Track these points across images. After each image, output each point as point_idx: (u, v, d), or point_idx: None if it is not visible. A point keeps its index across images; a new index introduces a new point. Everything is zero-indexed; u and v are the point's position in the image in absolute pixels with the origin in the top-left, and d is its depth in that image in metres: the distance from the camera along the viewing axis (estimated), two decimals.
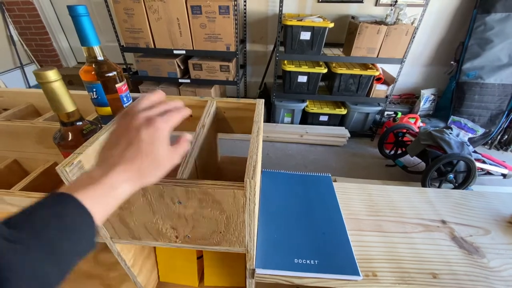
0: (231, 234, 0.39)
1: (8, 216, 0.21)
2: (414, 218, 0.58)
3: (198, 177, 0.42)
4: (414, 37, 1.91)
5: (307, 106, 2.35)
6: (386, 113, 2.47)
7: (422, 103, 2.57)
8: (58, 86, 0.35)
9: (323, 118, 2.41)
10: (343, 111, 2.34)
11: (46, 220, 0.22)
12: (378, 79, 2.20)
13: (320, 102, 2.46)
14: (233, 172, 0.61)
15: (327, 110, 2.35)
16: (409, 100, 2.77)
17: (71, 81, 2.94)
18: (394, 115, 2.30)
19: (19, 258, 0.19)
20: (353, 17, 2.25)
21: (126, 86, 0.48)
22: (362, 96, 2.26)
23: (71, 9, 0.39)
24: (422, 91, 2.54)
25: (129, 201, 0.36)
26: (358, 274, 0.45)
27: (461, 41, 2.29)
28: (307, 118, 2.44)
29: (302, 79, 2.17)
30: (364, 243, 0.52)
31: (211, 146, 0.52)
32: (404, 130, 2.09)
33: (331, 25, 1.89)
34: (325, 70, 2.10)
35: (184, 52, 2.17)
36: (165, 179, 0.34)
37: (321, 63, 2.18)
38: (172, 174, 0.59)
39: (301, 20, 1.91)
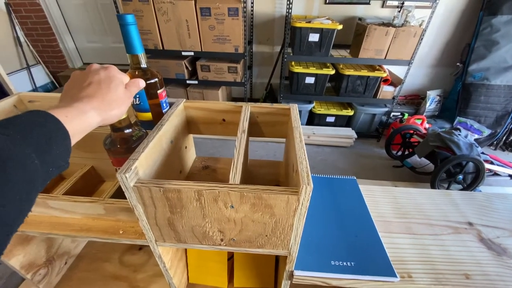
0: (276, 237, 0.40)
1: None
2: (441, 220, 0.59)
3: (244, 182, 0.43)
4: (422, 39, 1.92)
5: (314, 107, 2.36)
6: (392, 114, 2.48)
7: (428, 104, 2.59)
8: None
9: (330, 119, 2.43)
10: (350, 112, 2.35)
11: (29, 126, 0.23)
12: (385, 81, 2.22)
13: (327, 103, 2.47)
14: (263, 175, 0.62)
15: (334, 111, 2.36)
16: (415, 101, 2.79)
17: None
18: (400, 116, 2.31)
19: (13, 144, 0.21)
20: (360, 19, 2.26)
21: (165, 92, 0.50)
22: (369, 97, 2.27)
23: (120, 17, 0.40)
24: (428, 92, 2.55)
25: (182, 205, 0.37)
26: (395, 276, 0.46)
27: (467, 43, 2.31)
28: (313, 119, 2.46)
29: (310, 80, 2.18)
30: (396, 245, 0.53)
31: (246, 150, 0.54)
32: (412, 131, 2.10)
33: (340, 27, 1.91)
34: (332, 72, 2.11)
35: (192, 53, 2.18)
36: (220, 184, 0.35)
37: (328, 65, 2.19)
38: (224, 179, 0.60)
39: (309, 22, 1.92)
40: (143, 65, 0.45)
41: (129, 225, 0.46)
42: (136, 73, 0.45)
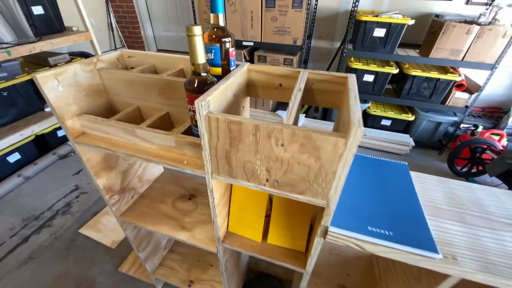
0: (318, 184, 0.43)
1: None
2: (504, 218, 0.54)
3: None
4: None
5: (369, 108, 2.24)
6: (462, 125, 2.19)
7: (511, 119, 2.20)
8: (199, 40, 0.44)
9: (386, 122, 2.27)
10: (410, 117, 2.16)
11: None
12: (459, 86, 1.97)
13: (384, 104, 2.32)
14: None
15: (391, 114, 2.20)
16: (494, 114, 2.40)
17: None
18: (473, 128, 2.03)
19: None
20: (437, 16, 2.05)
21: (235, 51, 0.57)
22: (436, 103, 2.05)
23: None
24: None
25: (240, 138, 0.43)
26: (436, 252, 0.44)
27: None
28: (367, 120, 2.33)
29: (369, 78, 2.08)
30: (444, 229, 0.51)
31: (296, 114, 0.57)
32: (485, 146, 1.83)
33: (411, 22, 1.77)
34: (396, 71, 1.97)
35: (252, 44, 2.28)
36: (275, 123, 0.39)
37: (391, 63, 2.05)
38: None
39: (376, 16, 1.83)
40: (222, 24, 0.52)
41: (192, 159, 0.55)
42: (215, 29, 0.52)
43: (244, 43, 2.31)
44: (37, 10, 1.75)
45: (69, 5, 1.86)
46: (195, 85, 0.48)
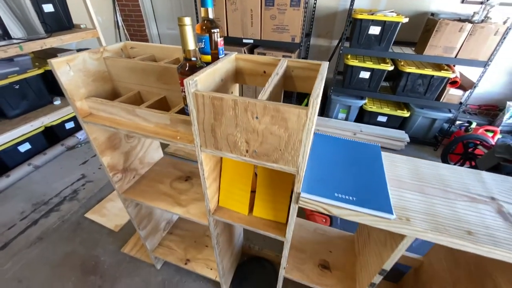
0: (288, 152, 0.50)
1: None
2: (460, 190, 0.60)
3: None
4: (504, 38, 1.69)
5: (365, 104, 2.30)
6: (457, 122, 2.23)
7: (506, 117, 2.24)
8: (188, 29, 0.52)
9: (382, 119, 2.32)
10: (405, 114, 2.21)
11: None
12: (453, 83, 2.02)
13: (380, 101, 2.37)
14: None
15: (387, 110, 2.26)
16: (490, 112, 2.44)
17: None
18: (467, 124, 2.07)
19: None
20: (432, 14, 2.10)
21: (223, 41, 0.64)
22: (431, 100, 2.09)
23: None
24: (508, 103, 2.20)
25: (222, 113, 0.50)
26: (391, 213, 0.51)
27: None
28: (363, 117, 2.39)
29: (365, 75, 2.13)
30: (402, 198, 0.57)
31: (277, 97, 0.64)
32: (478, 142, 1.88)
33: (405, 20, 1.82)
34: (391, 68, 2.02)
35: (252, 41, 2.36)
36: (250, 98, 0.47)
37: (387, 60, 2.10)
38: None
39: (372, 14, 1.89)
40: (211, 16, 0.60)
41: (184, 135, 0.62)
42: (205, 21, 0.60)
43: (244, 41, 2.39)
44: (48, 8, 1.85)
45: (78, 4, 1.96)
46: (186, 69, 0.56)
